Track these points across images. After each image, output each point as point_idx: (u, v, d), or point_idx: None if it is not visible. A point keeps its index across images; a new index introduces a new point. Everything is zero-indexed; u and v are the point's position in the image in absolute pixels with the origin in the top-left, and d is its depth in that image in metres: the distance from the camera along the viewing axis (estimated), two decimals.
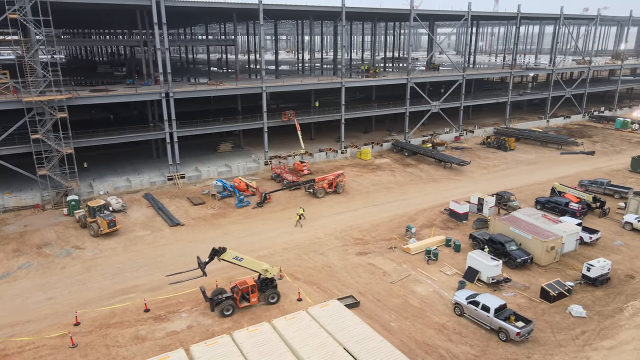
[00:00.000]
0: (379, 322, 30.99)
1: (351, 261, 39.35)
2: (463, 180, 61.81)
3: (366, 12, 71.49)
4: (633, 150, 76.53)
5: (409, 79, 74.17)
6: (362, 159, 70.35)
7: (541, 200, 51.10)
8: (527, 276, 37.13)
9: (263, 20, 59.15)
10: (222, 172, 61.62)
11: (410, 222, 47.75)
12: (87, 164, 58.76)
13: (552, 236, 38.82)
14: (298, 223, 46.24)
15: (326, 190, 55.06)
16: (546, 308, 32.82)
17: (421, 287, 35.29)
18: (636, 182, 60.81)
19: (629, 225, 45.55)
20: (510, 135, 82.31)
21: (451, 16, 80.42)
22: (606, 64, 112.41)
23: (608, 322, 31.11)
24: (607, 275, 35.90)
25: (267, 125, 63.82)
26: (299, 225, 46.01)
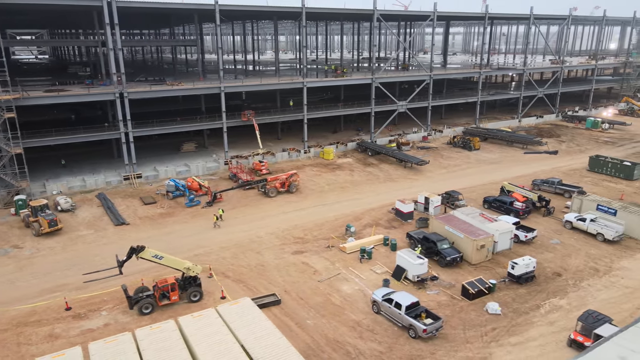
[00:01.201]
0: (295, 319, 31.39)
1: (285, 260, 39.75)
2: (420, 179, 62.23)
3: (328, 12, 71.91)
4: (597, 150, 76.98)
5: (374, 79, 74.56)
6: (324, 158, 70.71)
7: (488, 200, 51.56)
8: (456, 274, 37.55)
9: (220, 21, 59.53)
10: (180, 171, 61.94)
11: (356, 221, 48.20)
12: (64, 161, 61.24)
13: (483, 235, 39.26)
14: (216, 224, 46.14)
15: (278, 189, 55.43)
16: (465, 305, 33.25)
17: (347, 286, 35.69)
18: (591, 181, 61.31)
19: (569, 224, 45.98)
20: (478, 135, 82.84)
21: (416, 16, 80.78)
22: (580, 63, 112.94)
23: (521, 319, 31.54)
24: (532, 273, 36.33)
25: (227, 125, 64.17)
26: (217, 226, 45.95)
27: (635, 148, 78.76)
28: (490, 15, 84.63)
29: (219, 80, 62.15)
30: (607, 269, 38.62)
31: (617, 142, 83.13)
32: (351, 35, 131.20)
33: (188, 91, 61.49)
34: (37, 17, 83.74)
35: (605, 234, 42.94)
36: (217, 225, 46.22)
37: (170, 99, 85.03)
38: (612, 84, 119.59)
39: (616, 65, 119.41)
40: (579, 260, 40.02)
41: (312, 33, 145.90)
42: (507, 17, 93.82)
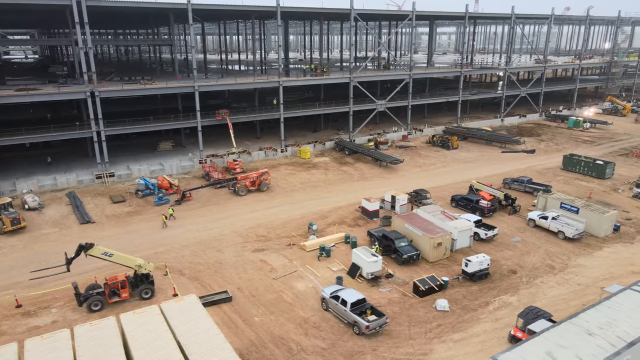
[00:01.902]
0: (243, 316, 31.56)
1: (244, 258, 39.91)
2: (393, 178, 62.40)
3: (304, 12, 72.07)
4: (575, 149, 77.24)
5: (352, 78, 74.72)
6: (301, 157, 70.88)
7: (456, 198, 51.77)
8: (413, 272, 37.72)
9: (194, 21, 59.66)
10: (154, 170, 62.06)
11: (322, 219, 48.41)
12: (50, 159, 62.52)
13: (440, 233, 39.45)
14: (164, 223, 45.93)
15: (249, 188, 55.60)
16: (415, 302, 33.43)
17: (301, 283, 35.85)
18: (564, 179, 61.54)
19: (532, 222, 46.19)
20: (458, 135, 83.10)
21: (395, 16, 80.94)
22: (565, 63, 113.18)
23: (468, 316, 31.73)
24: (485, 271, 36.52)
25: (201, 125, 64.33)
26: (165, 226, 45.72)
27: (613, 147, 79.01)
28: (471, 15, 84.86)
29: (193, 80, 62.20)
30: (563, 266, 38.83)
31: (597, 141, 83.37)
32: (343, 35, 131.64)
33: (161, 90, 61.63)
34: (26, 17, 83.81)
35: (566, 232, 43.14)
36: (165, 225, 45.80)
37: (149, 98, 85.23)
38: (597, 83, 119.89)
39: (601, 64, 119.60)
40: (537, 257, 40.22)
41: (307, 33, 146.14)
42: (489, 16, 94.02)
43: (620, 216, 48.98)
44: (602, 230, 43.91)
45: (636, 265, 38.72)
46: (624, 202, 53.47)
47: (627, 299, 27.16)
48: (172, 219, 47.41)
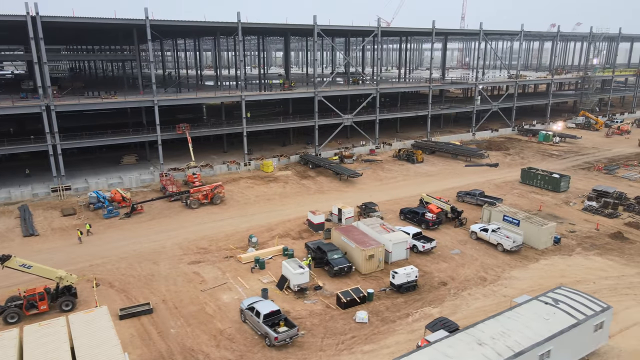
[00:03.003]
0: (159, 328, 31.52)
1: (178, 270, 39.95)
2: (351, 191, 62.67)
3: (267, 28, 73.17)
4: (540, 162, 77.77)
5: (316, 92, 75.52)
6: (264, 171, 71.23)
7: (404, 211, 51.99)
8: (344, 284, 37.72)
9: (153, 37, 60.58)
10: (113, 183, 62.30)
11: (267, 232, 48.58)
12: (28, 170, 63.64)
13: (373, 245, 39.58)
14: (80, 239, 45.31)
15: (201, 201, 55.81)
16: (337, 314, 33.43)
17: (228, 295, 35.87)
18: (519, 193, 61.86)
19: (474, 234, 46.37)
20: (426, 148, 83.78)
21: (361, 32, 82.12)
22: (538, 78, 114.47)
23: (385, 327, 31.73)
24: (413, 283, 36.58)
25: (162, 138, 64.80)
26: (80, 242, 45.16)
27: (577, 161, 79.56)
28: (438, 30, 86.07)
29: (152, 94, 62.85)
30: (495, 278, 38.91)
31: (563, 155, 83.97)
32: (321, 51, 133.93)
33: (119, 104, 62.27)
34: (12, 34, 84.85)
35: (504, 244, 43.32)
36: (81, 240, 45.23)
37: (121, 112, 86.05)
38: (570, 98, 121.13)
39: (574, 80, 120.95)
40: (471, 269, 40.31)
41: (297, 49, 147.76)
42: (456, 32, 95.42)
43: (565, 228, 49.27)
44: (541, 243, 44.07)
45: (567, 277, 38.82)
46: (573, 215, 53.71)
47: (529, 310, 27.29)
48: (89, 235, 46.73)
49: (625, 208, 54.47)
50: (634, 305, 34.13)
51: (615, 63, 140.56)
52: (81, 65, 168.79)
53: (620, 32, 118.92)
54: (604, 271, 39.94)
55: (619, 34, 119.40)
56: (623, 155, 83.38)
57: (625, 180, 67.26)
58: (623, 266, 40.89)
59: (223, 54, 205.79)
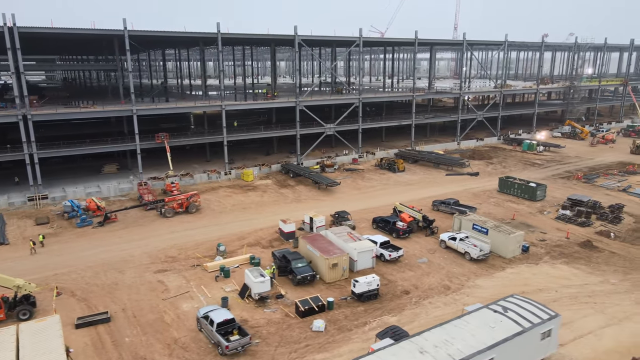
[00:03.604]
0: (114, 337, 31.51)
1: (142, 278, 39.99)
2: (328, 200, 62.82)
3: (247, 38, 73.86)
4: (521, 171, 78.04)
5: (298, 102, 76.02)
6: (244, 180, 71.45)
7: (376, 220, 52.14)
8: (307, 292, 37.70)
9: (131, 47, 61.19)
10: (90, 192, 62.43)
11: (238, 240, 48.69)
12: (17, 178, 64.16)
13: (337, 253, 39.66)
14: (32, 250, 44.79)
15: (176, 210, 55.95)
16: (295, 323, 33.44)
17: (189, 304, 35.88)
18: (496, 201, 62.05)
19: (443, 243, 46.49)
20: (409, 157, 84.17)
21: (343, 42, 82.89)
22: (524, 87, 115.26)
23: (340, 336, 31.73)
24: (375, 291, 36.62)
25: (140, 147, 65.08)
26: (34, 252, 44.67)
27: (558, 170, 79.86)
28: (421, 40, 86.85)
29: (131, 104, 63.28)
30: (458, 287, 38.96)
31: (545, 164, 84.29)
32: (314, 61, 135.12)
33: (98, 114, 62.63)
34: None
35: (471, 253, 43.42)
36: (33, 251, 44.66)
37: (104, 121, 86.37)
38: (556, 107, 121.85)
39: (560, 89, 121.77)
40: (436, 278, 40.37)
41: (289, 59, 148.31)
42: (440, 42, 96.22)
43: (536, 237, 49.40)
44: (509, 251, 44.18)
45: (530, 285, 38.88)
46: (546, 223, 53.85)
47: (477, 318, 27.35)
48: (39, 246, 46.02)
49: (598, 217, 54.65)
50: (591, 314, 34.17)
51: (602, 73, 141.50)
52: (74, 75, 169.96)
53: (606, 42, 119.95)
54: (568, 280, 40.01)
55: (604, 44, 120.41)
56: (605, 164, 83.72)
57: (603, 189, 67.50)
58: (588, 275, 40.97)
59: (214, 64, 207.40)
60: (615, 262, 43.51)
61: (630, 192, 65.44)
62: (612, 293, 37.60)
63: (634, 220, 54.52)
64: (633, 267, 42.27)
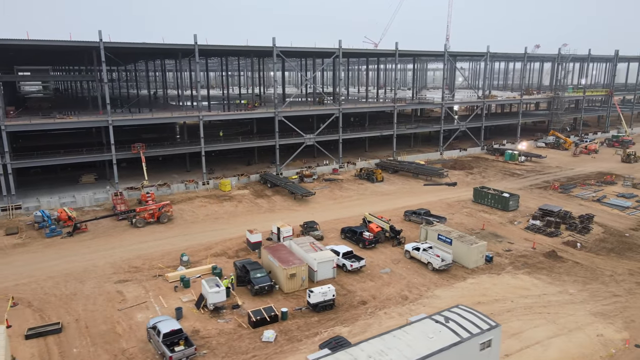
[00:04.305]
0: (62, 348, 31.50)
1: (103, 289, 40.02)
2: (301, 210, 62.98)
3: (225, 49, 74.55)
4: (500, 181, 78.39)
5: (276, 112, 76.52)
6: (222, 190, 71.68)
7: (344, 230, 52.31)
8: (265, 302, 37.66)
9: (106, 59, 61.82)
10: (65, 202, 62.61)
11: (205, 250, 48.81)
12: None
13: (296, 264, 39.77)
14: None
15: (147, 220, 56.09)
16: (246, 333, 33.46)
17: (143, 314, 35.89)
18: (469, 212, 62.22)
19: (407, 253, 46.61)
20: (390, 168, 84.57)
21: (322, 53, 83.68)
22: (507, 98, 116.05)
23: (289, 347, 31.74)
24: (330, 302, 36.68)
25: (116, 158, 65.41)
26: None
27: (537, 180, 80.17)
28: (401, 52, 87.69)
29: (107, 114, 63.71)
30: (417, 297, 39.03)
31: (525, 174, 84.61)
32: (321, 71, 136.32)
33: (72, 124, 63.01)
34: None
35: (433, 263, 43.54)
36: None
37: (87, 131, 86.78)
38: (540, 118, 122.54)
39: (544, 100, 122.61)
40: (395, 288, 40.43)
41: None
42: (422, 54, 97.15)
43: (502, 247, 49.55)
44: (472, 262, 44.30)
45: (488, 295, 38.97)
46: (515, 233, 54.04)
47: (418, 328, 27.40)
48: None
49: (568, 227, 54.84)
50: (542, 324, 34.22)
51: (595, 83, 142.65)
52: (67, 85, 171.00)
53: (590, 53, 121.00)
54: (527, 290, 40.08)
55: (588, 55, 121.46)
56: (584, 174, 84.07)
57: (578, 199, 67.78)
58: (547, 285, 41.05)
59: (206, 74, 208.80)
60: (577, 272, 43.63)
61: (604, 202, 65.71)
62: (568, 303, 37.69)
63: (603, 230, 54.73)
64: (593, 278, 42.39)
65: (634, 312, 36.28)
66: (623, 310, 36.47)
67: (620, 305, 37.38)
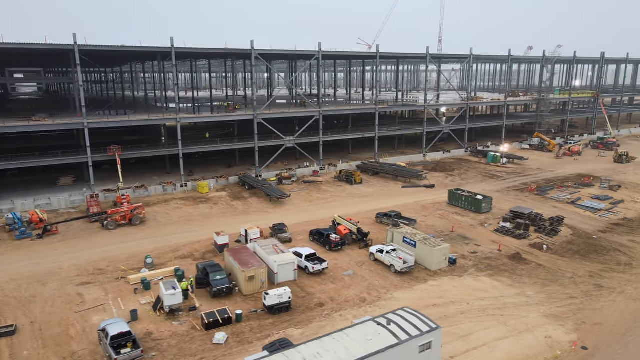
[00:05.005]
0: (14, 350, 31.73)
1: (62, 291, 40.23)
2: (275, 213, 63.18)
3: (200, 52, 74.84)
4: (479, 184, 78.64)
5: (255, 115, 76.81)
6: (199, 192, 71.88)
7: (313, 232, 52.56)
8: (223, 304, 37.93)
9: (81, 61, 62.07)
10: (40, 205, 62.78)
11: (173, 252, 49.04)
12: None
13: (255, 266, 40.00)
14: None
15: (119, 222, 56.29)
16: (198, 335, 33.67)
17: (100, 317, 36.07)
18: (442, 214, 62.47)
19: (372, 255, 46.85)
20: (370, 170, 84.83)
21: (301, 55, 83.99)
22: (492, 100, 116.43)
23: (238, 349, 31.96)
24: (286, 304, 36.89)
25: (92, 160, 65.62)
26: None
27: (515, 182, 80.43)
28: (382, 54, 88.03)
29: (82, 117, 63.94)
30: (375, 299, 39.26)
31: (505, 176, 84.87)
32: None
33: (47, 127, 63.25)
34: None
35: (396, 265, 43.79)
36: None
37: (68, 133, 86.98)
38: (525, 120, 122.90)
39: (529, 102, 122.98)
40: (355, 291, 40.66)
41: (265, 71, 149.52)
42: (404, 56, 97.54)
43: (468, 249, 49.81)
44: (434, 264, 44.55)
45: (445, 298, 39.20)
46: (484, 236, 54.31)
47: (359, 330, 27.64)
48: None
49: (537, 229, 55.12)
50: (493, 326, 34.48)
51: (587, 85, 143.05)
52: (58, 86, 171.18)
53: (575, 55, 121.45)
54: (485, 292, 40.34)
55: (574, 57, 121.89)
56: (563, 176, 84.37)
57: (552, 201, 68.08)
58: (507, 287, 41.31)
59: (191, 76, 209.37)
60: (538, 274, 43.89)
61: (578, 204, 66.01)
62: (524, 305, 37.95)
63: (572, 232, 55.02)
64: (553, 280, 42.67)
65: (587, 314, 36.57)
66: (576, 312, 36.75)
67: (574, 307, 37.65)
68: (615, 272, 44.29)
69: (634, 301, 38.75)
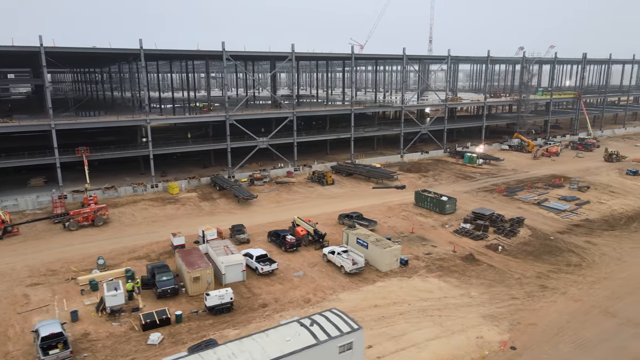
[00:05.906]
0: None
1: (11, 292, 40.54)
2: (240, 214, 63.46)
3: (172, 54, 75.14)
4: (452, 184, 78.99)
5: (228, 116, 77.12)
6: (170, 193, 72.18)
7: (270, 233, 52.91)
8: (167, 305, 38.25)
9: (48, 63, 62.37)
10: (7, 206, 63.04)
11: (130, 253, 49.35)
12: None
13: (201, 267, 40.33)
14: None
15: (81, 223, 56.59)
16: (135, 336, 34.00)
17: (41, 317, 36.35)
18: (405, 215, 62.77)
19: (325, 257, 47.18)
20: (344, 171, 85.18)
21: (275, 57, 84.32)
22: (472, 101, 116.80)
23: (171, 350, 32.23)
24: (227, 305, 37.22)
25: (60, 161, 65.95)
26: None
27: (486, 182, 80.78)
28: (357, 55, 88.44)
29: (50, 119, 64.23)
30: (319, 300, 39.57)
31: (478, 177, 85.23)
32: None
33: (14, 128, 63.50)
34: None
35: (345, 266, 44.12)
36: None
37: (44, 134, 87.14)
38: (505, 120, 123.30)
39: (510, 103, 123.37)
40: (302, 292, 40.98)
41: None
42: (381, 57, 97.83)
43: (423, 251, 50.15)
44: (385, 265, 44.89)
45: (387, 299, 39.51)
46: (443, 237, 54.65)
47: (280, 331, 27.94)
48: None
49: (496, 230, 55.48)
50: (428, 326, 34.82)
51: (562, 85, 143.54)
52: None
53: (556, 56, 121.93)
54: (430, 293, 40.68)
55: (554, 59, 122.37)
56: (537, 177, 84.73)
57: (519, 202, 68.44)
58: (454, 288, 41.66)
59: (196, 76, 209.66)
60: (486, 275, 44.25)
61: (543, 205, 66.39)
62: (465, 306, 38.30)
63: (530, 233, 55.40)
64: (500, 281, 43.03)
65: (525, 314, 36.93)
66: (514, 313, 37.10)
67: (514, 307, 38.01)
68: (563, 273, 44.68)
69: (574, 302, 39.13)
